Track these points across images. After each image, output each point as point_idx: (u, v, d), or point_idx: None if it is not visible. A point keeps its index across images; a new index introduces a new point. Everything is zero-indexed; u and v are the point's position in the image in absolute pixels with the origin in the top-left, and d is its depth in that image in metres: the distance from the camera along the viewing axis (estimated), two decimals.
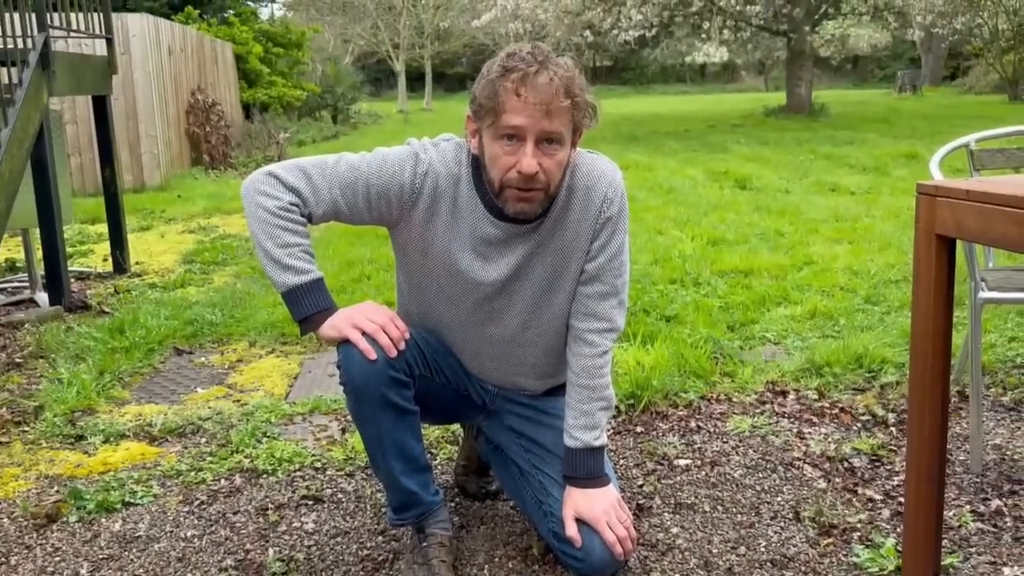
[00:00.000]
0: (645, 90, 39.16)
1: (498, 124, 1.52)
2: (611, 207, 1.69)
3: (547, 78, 1.49)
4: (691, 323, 3.35)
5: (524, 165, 1.52)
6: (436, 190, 1.66)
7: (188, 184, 8.71)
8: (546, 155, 1.54)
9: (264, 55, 14.40)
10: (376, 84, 35.70)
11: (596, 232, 1.69)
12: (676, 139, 12.83)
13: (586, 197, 1.68)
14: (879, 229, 5.19)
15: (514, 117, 1.50)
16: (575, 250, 1.70)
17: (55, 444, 2.52)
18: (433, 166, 1.66)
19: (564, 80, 1.51)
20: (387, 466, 1.71)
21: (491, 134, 1.55)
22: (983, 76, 25.70)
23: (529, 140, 1.52)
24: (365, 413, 1.67)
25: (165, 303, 3.99)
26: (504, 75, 1.51)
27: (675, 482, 2.17)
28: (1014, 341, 3.05)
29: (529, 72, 1.49)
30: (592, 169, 1.70)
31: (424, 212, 1.67)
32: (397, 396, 1.66)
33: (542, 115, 1.49)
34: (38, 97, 3.84)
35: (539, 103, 1.49)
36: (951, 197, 1.45)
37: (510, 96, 1.49)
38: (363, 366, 1.62)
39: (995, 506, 1.98)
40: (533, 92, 1.48)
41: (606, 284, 1.72)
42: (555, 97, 1.49)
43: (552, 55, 1.54)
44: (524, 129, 1.51)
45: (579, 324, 1.75)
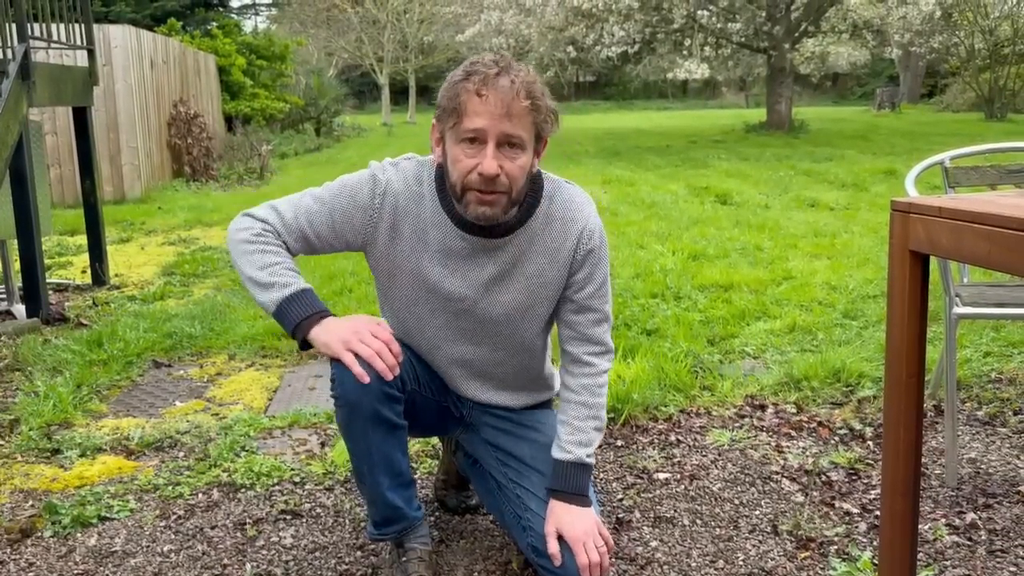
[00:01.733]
0: (628, 105, 39.43)
1: (460, 127, 1.54)
2: (592, 239, 1.70)
3: (508, 81, 1.52)
4: (672, 337, 3.37)
5: (485, 166, 1.54)
6: (396, 210, 1.67)
7: (169, 196, 8.66)
8: (507, 158, 1.55)
9: (247, 67, 14.38)
10: (360, 97, 35.72)
11: (578, 264, 1.71)
12: (658, 154, 12.92)
13: (564, 227, 1.69)
14: (857, 244, 5.25)
15: (475, 119, 1.52)
16: (552, 278, 1.71)
17: (31, 458, 2.49)
18: (391, 185, 1.68)
19: (525, 83, 1.53)
20: (374, 481, 1.71)
21: (453, 137, 1.57)
22: (960, 94, 26.09)
23: (490, 142, 1.53)
24: (356, 428, 1.67)
25: (144, 315, 3.96)
26: (466, 78, 1.53)
27: (655, 495, 2.18)
28: (989, 356, 3.09)
29: (490, 75, 1.52)
30: (571, 200, 1.72)
31: (387, 232, 1.68)
32: (390, 411, 1.65)
33: (503, 116, 1.51)
34: (17, 108, 3.82)
35: (499, 104, 1.51)
36: (924, 214, 1.48)
37: (471, 97, 1.52)
38: (358, 382, 1.61)
39: (970, 519, 2.01)
40: (494, 93, 1.51)
41: (597, 312, 1.75)
42: (516, 99, 1.52)
43: (514, 62, 1.57)
44: (485, 131, 1.53)
45: (575, 350, 1.76)
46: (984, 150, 2.50)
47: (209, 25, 15.97)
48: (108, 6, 15.68)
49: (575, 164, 11.43)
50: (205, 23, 16.68)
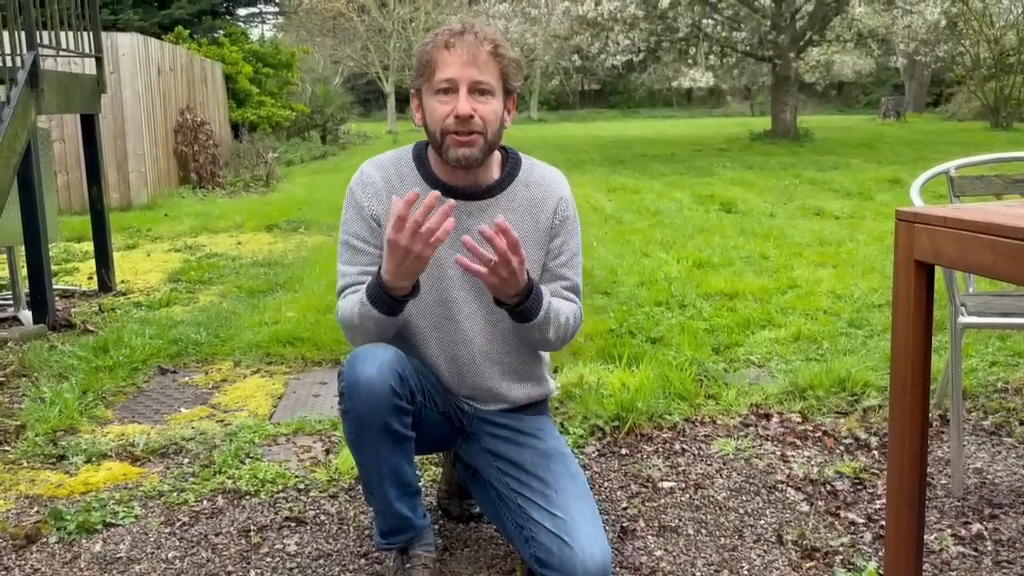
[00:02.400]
0: (632, 114, 39.49)
1: (433, 79, 1.68)
2: (568, 207, 1.84)
3: (472, 35, 1.68)
4: (676, 345, 3.37)
5: (459, 108, 1.66)
6: (383, 196, 1.78)
7: (175, 203, 8.69)
8: (479, 103, 1.68)
9: (254, 75, 14.43)
10: (365, 105, 35.83)
11: (555, 230, 1.82)
12: (663, 162, 12.93)
13: (543, 193, 1.82)
14: (863, 253, 5.25)
15: (446, 70, 1.67)
16: (534, 241, 1.80)
17: (36, 464, 2.50)
18: (372, 178, 1.80)
19: (488, 36, 1.69)
20: (382, 492, 1.71)
21: (429, 92, 1.70)
22: (965, 103, 26.07)
23: (462, 88, 1.67)
24: (366, 441, 1.67)
25: (150, 322, 3.97)
26: (434, 38, 1.71)
27: (659, 505, 2.17)
28: (995, 365, 3.09)
29: (455, 30, 1.69)
30: (547, 171, 1.87)
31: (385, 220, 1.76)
32: (398, 423, 1.66)
33: (470, 63, 1.66)
34: (26, 115, 3.84)
35: (466, 52, 1.66)
36: (929, 224, 1.48)
37: (440, 52, 1.68)
38: (368, 394, 1.62)
39: (976, 530, 2.00)
40: (460, 43, 1.67)
41: (569, 280, 1.85)
42: (480, 47, 1.67)
43: (479, 23, 1.74)
44: (456, 80, 1.66)
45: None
46: (989, 159, 2.50)
47: (216, 33, 16.05)
48: (116, 14, 15.77)
49: (580, 172, 11.44)
50: (212, 31, 16.76)
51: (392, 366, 1.65)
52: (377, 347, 1.69)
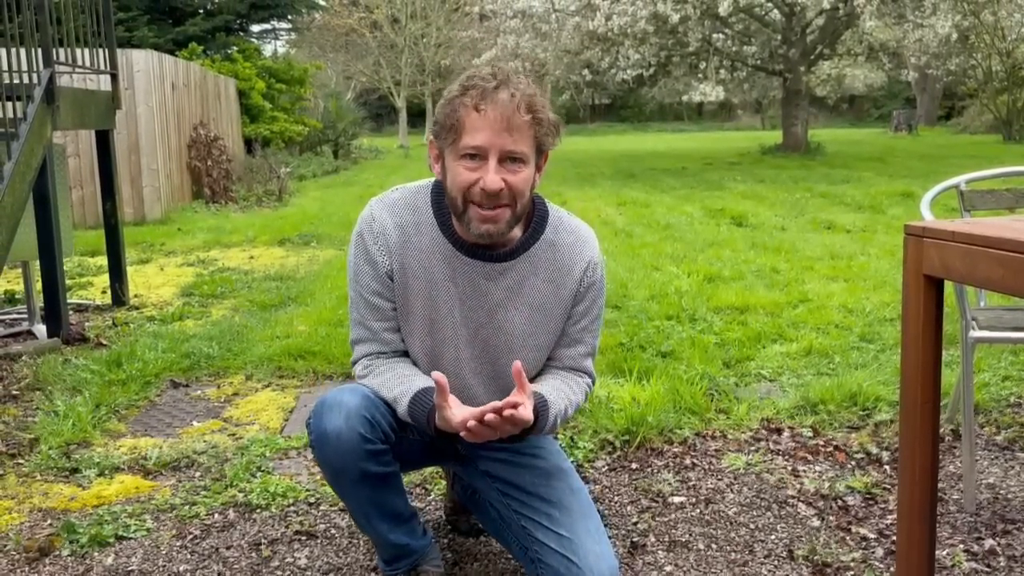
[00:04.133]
0: (643, 128, 39.55)
1: (459, 143, 1.51)
2: (595, 272, 1.69)
3: (507, 94, 1.48)
4: (687, 359, 3.37)
5: (488, 181, 1.49)
6: (396, 248, 1.64)
7: (188, 217, 8.76)
8: (510, 172, 1.51)
9: (267, 91, 14.56)
10: (377, 120, 36.05)
11: (580, 295, 1.69)
12: (673, 176, 12.94)
13: (570, 256, 1.68)
14: (874, 267, 5.23)
15: (475, 136, 1.48)
16: (555, 307, 1.69)
17: (49, 477, 2.52)
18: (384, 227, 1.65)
19: (525, 96, 1.49)
20: (373, 528, 1.72)
21: (453, 154, 1.53)
22: (978, 116, 25.98)
23: (492, 157, 1.49)
24: (346, 488, 1.66)
25: (163, 336, 4.00)
26: (463, 93, 1.49)
27: (669, 519, 2.17)
28: (1007, 380, 3.07)
29: (488, 88, 1.48)
30: (577, 230, 1.71)
31: (397, 272, 1.66)
32: (376, 466, 1.63)
33: (503, 131, 1.47)
34: (42, 131, 3.89)
35: (499, 118, 1.47)
36: (938, 238, 1.48)
37: (469, 112, 1.48)
38: (338, 446, 1.58)
39: (988, 545, 1.98)
40: (493, 107, 1.47)
41: (587, 346, 1.75)
42: (516, 112, 1.47)
43: (512, 74, 1.52)
44: (486, 148, 1.49)
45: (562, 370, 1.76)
46: (1000, 173, 2.49)
47: (230, 49, 16.21)
48: (131, 31, 15.97)
49: (590, 186, 11.46)
50: (226, 47, 16.93)
51: (359, 412, 1.59)
52: (343, 392, 1.64)
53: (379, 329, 1.69)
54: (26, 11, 3.95)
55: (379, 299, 1.67)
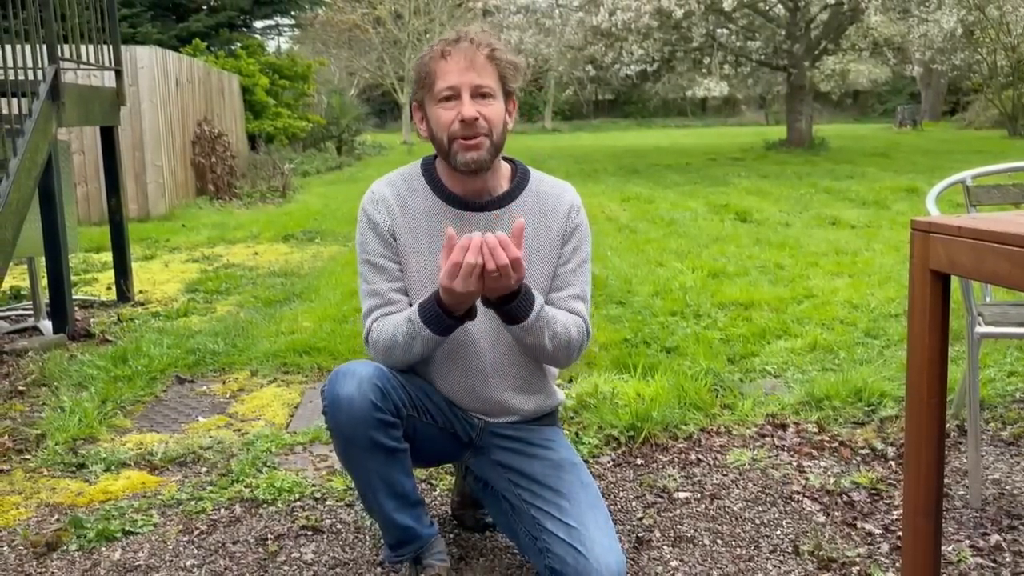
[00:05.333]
0: (647, 123, 39.49)
1: (434, 90, 1.70)
2: (579, 214, 1.84)
3: (467, 41, 1.70)
4: (691, 355, 3.37)
5: (464, 111, 1.68)
6: (395, 213, 1.79)
7: (193, 214, 8.77)
8: (482, 106, 1.70)
9: (270, 87, 14.56)
10: (381, 116, 36.02)
11: (566, 236, 1.82)
12: (677, 172, 12.93)
13: (554, 202, 1.83)
14: (879, 263, 5.22)
15: (446, 78, 1.68)
16: (546, 248, 1.80)
17: (56, 472, 2.53)
18: (384, 195, 1.81)
19: (484, 41, 1.71)
20: (379, 506, 1.73)
21: (431, 101, 1.72)
22: (983, 111, 25.90)
23: (464, 93, 1.69)
24: (354, 457, 1.70)
25: (168, 332, 4.01)
26: (431, 50, 1.72)
27: (675, 515, 2.17)
28: (1013, 376, 3.06)
29: (450, 39, 1.71)
30: (557, 182, 1.88)
31: (401, 236, 1.79)
32: (386, 437, 1.67)
33: (468, 69, 1.68)
34: (47, 128, 3.90)
35: (463, 59, 1.68)
36: (944, 234, 1.48)
37: (438, 62, 1.69)
38: (350, 412, 1.64)
39: (994, 541, 1.98)
40: (456, 51, 1.69)
41: (578, 288, 1.83)
42: (477, 53, 1.69)
43: (475, 31, 1.73)
44: (457, 86, 1.68)
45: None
46: (1006, 168, 2.49)
47: (233, 46, 16.22)
48: (135, 27, 15.97)
49: (594, 182, 11.46)
50: (229, 44, 16.93)
51: (372, 381, 1.66)
52: (358, 364, 1.71)
53: (387, 290, 1.78)
54: (31, 7, 3.95)
55: (384, 260, 1.79)
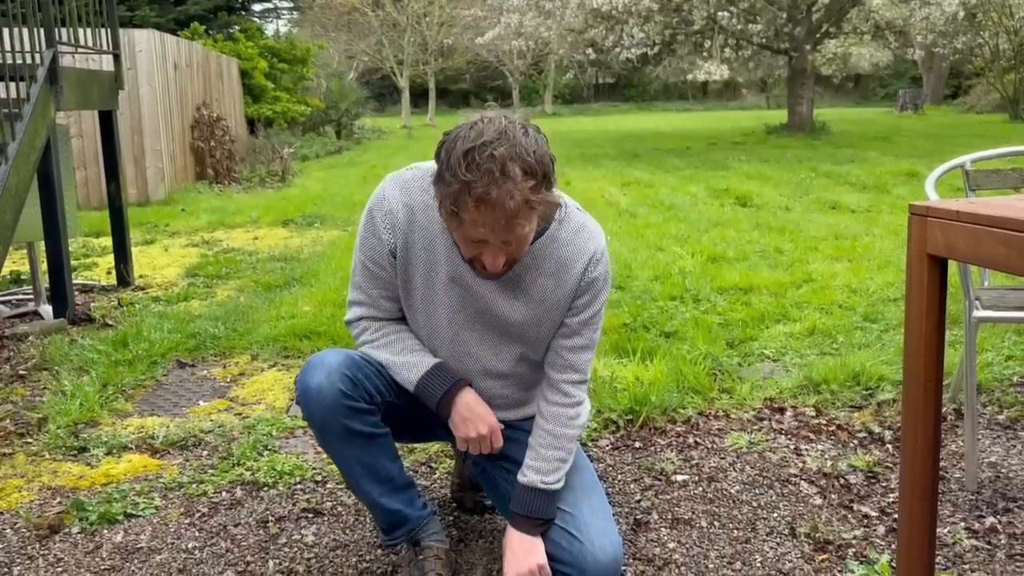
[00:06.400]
0: (647, 107, 39.36)
1: (460, 229, 1.51)
2: (597, 268, 1.69)
3: (506, 195, 1.43)
4: (690, 339, 3.38)
5: (489, 266, 1.56)
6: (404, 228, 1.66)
7: (192, 198, 8.76)
8: (512, 247, 1.55)
9: (269, 71, 14.50)
10: (380, 100, 35.88)
11: (581, 290, 1.69)
12: (677, 156, 12.89)
13: (573, 252, 1.68)
14: (879, 247, 5.22)
15: (475, 229, 1.48)
16: (556, 301, 1.70)
17: (58, 456, 2.55)
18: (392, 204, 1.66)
19: (522, 197, 1.45)
20: (364, 491, 1.74)
21: (454, 223, 1.52)
22: (984, 95, 25.80)
23: (492, 245, 1.52)
24: (332, 446, 1.71)
25: (168, 316, 4.02)
26: (464, 188, 1.44)
27: (672, 497, 2.19)
28: (1011, 360, 3.07)
29: (490, 191, 1.43)
30: (583, 226, 1.70)
31: (401, 251, 1.68)
32: (361, 424, 1.68)
33: (502, 229, 1.48)
34: (45, 112, 3.89)
35: (499, 219, 1.46)
36: (942, 218, 1.48)
37: (470, 212, 1.46)
38: (320, 402, 1.65)
39: (989, 523, 2.00)
40: (492, 211, 1.44)
41: (585, 338, 1.73)
42: (515, 214, 1.46)
43: (513, 157, 1.44)
44: (486, 240, 1.51)
45: (555, 375, 1.75)
46: (1006, 153, 2.48)
47: (232, 29, 16.15)
48: (133, 10, 15.89)
49: (594, 166, 11.43)
50: (228, 27, 16.85)
51: (341, 370, 1.66)
52: (329, 353, 1.72)
53: (377, 296, 1.75)
54: None
55: (380, 271, 1.73)
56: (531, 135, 1.48)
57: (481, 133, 1.45)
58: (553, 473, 1.71)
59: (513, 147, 1.44)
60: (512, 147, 1.44)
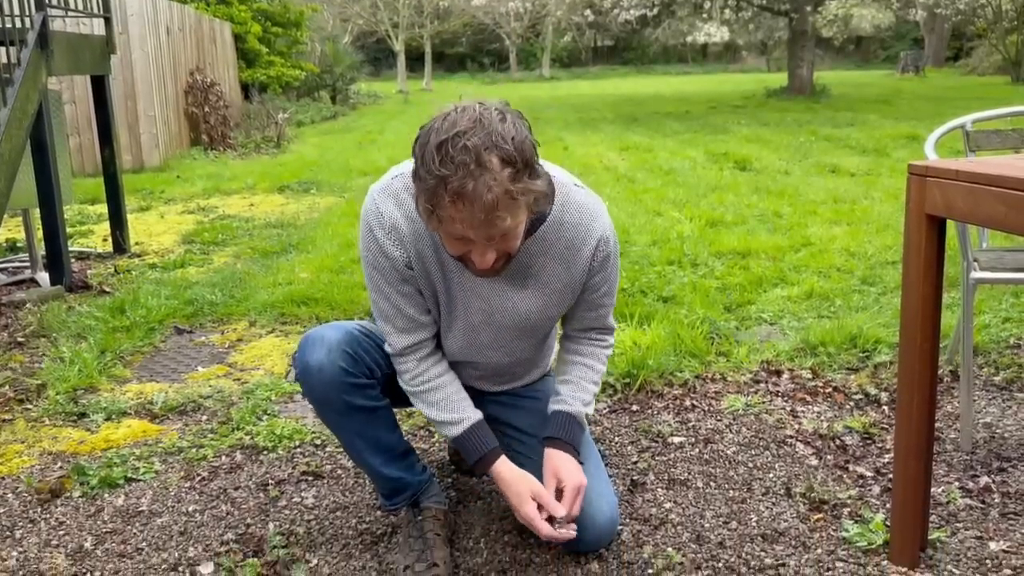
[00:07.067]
0: (647, 70, 38.94)
1: (442, 227, 1.42)
2: (606, 247, 1.66)
3: (484, 188, 1.33)
4: (688, 304, 3.38)
5: (478, 264, 1.48)
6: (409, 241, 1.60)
7: (187, 165, 8.70)
8: (501, 242, 1.46)
9: (263, 35, 14.31)
10: (376, 64, 35.52)
11: (595, 270, 1.68)
12: (677, 120, 12.80)
13: (579, 234, 1.63)
14: (878, 211, 5.21)
15: (457, 227, 1.40)
16: (568, 284, 1.68)
17: (58, 421, 2.56)
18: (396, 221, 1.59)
19: (502, 188, 1.35)
20: (365, 462, 1.75)
21: (436, 224, 1.43)
22: (986, 57, 25.55)
23: (478, 244, 1.44)
24: (332, 421, 1.71)
25: (165, 283, 4.01)
26: (440, 183, 1.35)
27: (669, 459, 2.20)
28: (1008, 322, 3.08)
29: (466, 185, 1.33)
30: (584, 206, 1.63)
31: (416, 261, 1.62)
32: (361, 398, 1.67)
33: (483, 223, 1.38)
34: (37, 77, 3.84)
35: (479, 213, 1.36)
36: (941, 177, 1.47)
37: (447, 208, 1.37)
38: (320, 378, 1.64)
39: (984, 483, 2.02)
40: (471, 206, 1.35)
41: (606, 307, 1.79)
42: (495, 207, 1.36)
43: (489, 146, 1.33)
44: (470, 239, 1.43)
45: (587, 333, 1.82)
46: (1006, 113, 2.46)
47: None
48: None
49: (592, 131, 11.35)
50: None
51: (341, 347, 1.65)
52: (328, 328, 1.70)
53: (414, 314, 1.67)
54: None
55: (407, 286, 1.64)
56: (509, 121, 1.38)
57: (455, 123, 1.35)
58: (591, 405, 1.79)
59: (489, 135, 1.34)
60: (488, 135, 1.34)
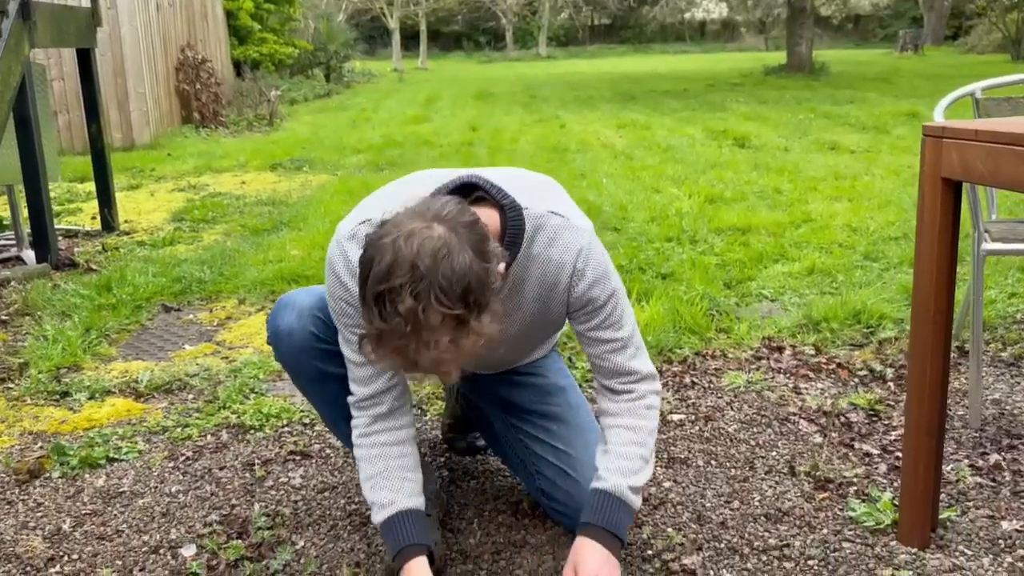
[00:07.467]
0: (644, 49, 38.61)
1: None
2: (583, 276, 1.46)
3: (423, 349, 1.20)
4: (687, 280, 3.30)
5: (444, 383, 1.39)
6: None
7: (178, 142, 8.58)
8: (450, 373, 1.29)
9: (255, 11, 14.10)
10: (370, 42, 35.16)
11: (573, 305, 1.49)
12: (675, 98, 12.67)
13: (552, 268, 1.46)
14: (878, 187, 5.13)
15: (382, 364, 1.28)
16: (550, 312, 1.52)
17: (40, 400, 2.48)
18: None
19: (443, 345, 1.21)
20: (344, 434, 1.68)
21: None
22: (986, 35, 25.35)
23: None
24: (306, 388, 1.68)
25: (153, 261, 3.93)
26: (378, 336, 1.22)
27: (669, 437, 2.14)
28: (1014, 297, 3.01)
29: (407, 347, 1.20)
30: (555, 239, 1.45)
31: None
32: (335, 366, 1.57)
33: (428, 371, 1.26)
34: (19, 49, 3.73)
35: (424, 367, 1.24)
36: (959, 138, 1.39)
37: (391, 357, 1.24)
38: (290, 343, 1.60)
39: (993, 460, 1.95)
40: (412, 365, 1.24)
41: (613, 342, 1.51)
42: (437, 366, 1.24)
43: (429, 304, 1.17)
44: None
45: (607, 382, 1.55)
46: (1017, 80, 2.38)
47: None
48: None
49: (589, 109, 11.22)
50: None
51: (313, 312, 1.59)
52: (301, 292, 1.65)
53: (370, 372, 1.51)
54: None
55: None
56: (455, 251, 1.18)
57: (396, 265, 1.17)
58: (638, 475, 1.50)
59: (430, 286, 1.16)
60: (429, 286, 1.16)
